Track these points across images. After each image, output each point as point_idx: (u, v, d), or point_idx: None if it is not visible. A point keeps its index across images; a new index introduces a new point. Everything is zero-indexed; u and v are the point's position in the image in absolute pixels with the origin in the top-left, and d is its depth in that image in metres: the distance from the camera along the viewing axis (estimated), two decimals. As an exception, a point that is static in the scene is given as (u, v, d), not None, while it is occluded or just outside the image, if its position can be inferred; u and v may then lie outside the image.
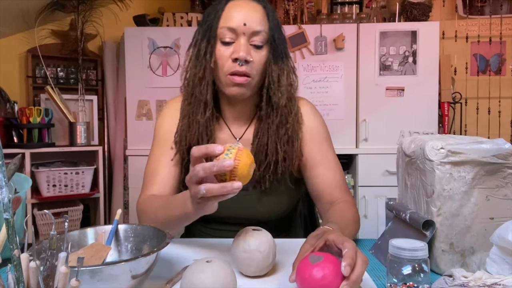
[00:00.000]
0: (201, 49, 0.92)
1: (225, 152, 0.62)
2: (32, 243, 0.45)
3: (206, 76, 0.91)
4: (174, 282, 0.68)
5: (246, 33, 0.88)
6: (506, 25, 2.76)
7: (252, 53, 0.89)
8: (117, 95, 2.72)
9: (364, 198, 2.29)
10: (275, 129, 0.94)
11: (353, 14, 2.53)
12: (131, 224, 0.76)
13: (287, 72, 0.95)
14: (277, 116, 0.93)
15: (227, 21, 0.89)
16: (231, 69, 0.88)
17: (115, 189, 2.68)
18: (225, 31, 0.89)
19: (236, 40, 0.89)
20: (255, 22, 0.88)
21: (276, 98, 0.92)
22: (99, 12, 2.56)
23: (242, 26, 0.87)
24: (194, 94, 0.93)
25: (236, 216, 0.96)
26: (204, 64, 0.91)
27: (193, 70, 0.94)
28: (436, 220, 0.71)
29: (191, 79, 0.94)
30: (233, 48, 0.88)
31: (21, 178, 0.90)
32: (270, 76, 0.92)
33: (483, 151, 0.69)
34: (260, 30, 0.88)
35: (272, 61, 0.92)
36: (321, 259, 0.58)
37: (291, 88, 0.96)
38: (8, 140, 2.29)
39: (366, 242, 0.91)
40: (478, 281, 0.57)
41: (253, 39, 0.89)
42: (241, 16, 0.88)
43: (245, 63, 0.87)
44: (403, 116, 2.31)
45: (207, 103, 0.93)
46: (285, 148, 0.94)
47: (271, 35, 0.91)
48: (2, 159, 0.37)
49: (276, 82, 0.92)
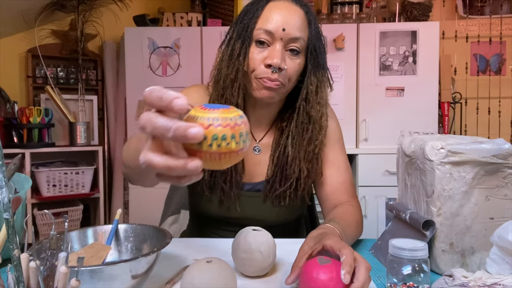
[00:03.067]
0: (235, 49, 0.87)
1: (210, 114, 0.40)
2: (32, 243, 0.45)
3: (238, 78, 0.86)
4: (174, 282, 0.68)
5: (284, 38, 0.83)
6: (506, 25, 2.76)
7: (287, 60, 0.84)
8: (117, 95, 2.73)
9: (364, 198, 2.29)
10: (304, 145, 0.90)
11: (353, 14, 2.53)
12: (131, 224, 0.76)
13: (326, 84, 0.91)
14: (307, 131, 0.90)
15: (265, 23, 0.84)
16: (262, 75, 0.84)
17: (115, 189, 2.68)
18: (261, 33, 0.84)
19: (272, 44, 0.84)
20: (295, 27, 0.83)
21: (314, 112, 0.89)
22: (99, 12, 2.56)
23: (281, 31, 0.83)
24: (225, 95, 0.88)
25: (248, 217, 0.94)
26: (237, 66, 0.86)
27: (224, 70, 0.88)
28: (436, 220, 0.71)
29: (222, 80, 0.89)
30: (267, 53, 0.84)
31: (21, 178, 0.90)
32: (309, 88, 0.88)
33: (483, 151, 0.69)
34: (299, 37, 0.84)
35: (312, 71, 0.88)
36: (330, 262, 0.59)
37: (326, 103, 0.92)
38: (8, 140, 2.29)
39: (366, 242, 0.91)
40: (478, 281, 0.57)
41: (290, 45, 0.84)
42: (281, 19, 0.83)
43: (278, 71, 0.83)
44: (403, 116, 2.31)
45: (238, 106, 0.87)
46: (309, 165, 0.91)
47: (312, 44, 0.87)
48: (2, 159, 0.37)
49: (314, 94, 0.88)
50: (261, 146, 0.97)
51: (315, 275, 0.58)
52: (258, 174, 0.96)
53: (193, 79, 2.33)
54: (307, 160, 0.91)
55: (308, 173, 0.92)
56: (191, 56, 2.36)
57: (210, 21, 2.48)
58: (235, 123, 0.40)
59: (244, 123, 0.42)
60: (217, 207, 0.94)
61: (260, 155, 0.97)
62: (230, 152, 0.40)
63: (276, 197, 0.92)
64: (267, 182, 0.94)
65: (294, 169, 0.91)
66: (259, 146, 0.97)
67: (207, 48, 2.34)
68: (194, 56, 2.36)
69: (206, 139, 0.39)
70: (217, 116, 0.39)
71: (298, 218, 1.06)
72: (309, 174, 0.92)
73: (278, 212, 0.94)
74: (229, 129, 0.39)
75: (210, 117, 0.39)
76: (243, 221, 0.94)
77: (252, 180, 0.96)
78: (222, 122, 0.39)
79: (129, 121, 2.39)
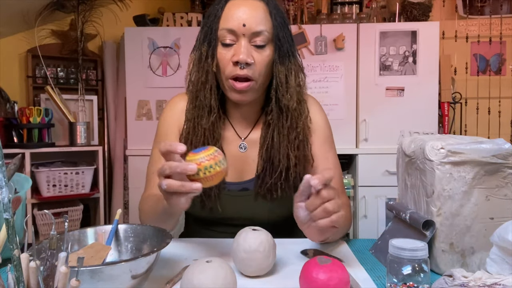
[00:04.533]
0: (203, 53, 0.90)
1: (201, 154, 0.66)
2: (32, 243, 0.45)
3: (209, 80, 0.89)
4: (174, 282, 0.68)
5: (246, 34, 0.85)
6: (506, 25, 2.75)
7: (254, 54, 0.86)
8: (117, 95, 2.73)
9: (364, 198, 2.28)
10: (286, 134, 0.91)
11: (353, 14, 2.53)
12: (131, 224, 0.76)
13: (295, 72, 0.91)
14: (287, 120, 0.91)
15: (226, 23, 0.86)
16: (232, 73, 0.86)
17: (115, 189, 2.68)
18: (225, 33, 0.86)
19: (237, 41, 0.86)
20: (256, 21, 0.85)
21: (285, 100, 0.89)
22: (99, 12, 2.56)
23: (242, 27, 0.84)
24: (199, 97, 0.91)
25: (241, 217, 0.95)
26: (206, 68, 0.89)
27: (196, 74, 0.92)
28: (436, 220, 0.71)
29: (195, 83, 0.92)
30: (233, 51, 0.86)
31: (21, 178, 0.90)
32: (277, 77, 0.89)
33: (483, 151, 0.69)
34: (262, 30, 0.85)
35: (278, 61, 0.88)
36: (329, 262, 0.59)
37: (300, 89, 0.93)
38: (8, 140, 2.29)
39: (366, 242, 0.91)
40: (478, 281, 0.57)
41: (254, 40, 0.86)
42: (241, 16, 0.85)
43: (246, 66, 0.85)
44: (403, 116, 2.31)
45: (212, 107, 0.90)
46: (296, 153, 0.92)
47: (275, 34, 0.87)
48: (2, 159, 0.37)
49: (284, 84, 0.89)
50: (247, 143, 0.97)
51: (315, 275, 0.58)
52: (247, 171, 0.97)
53: (193, 79, 2.33)
54: (293, 147, 0.91)
55: (298, 161, 0.92)
56: (191, 56, 2.35)
57: (210, 21, 2.48)
58: (214, 156, 0.66)
59: (219, 153, 0.67)
60: (200, 209, 0.94)
61: (246, 152, 0.97)
62: (216, 173, 0.66)
63: (267, 190, 0.92)
64: (257, 178, 0.94)
65: (281, 159, 0.91)
66: (244, 144, 0.97)
67: (207, 48, 2.34)
68: (194, 56, 2.35)
69: (201, 170, 0.64)
70: (202, 156, 0.65)
71: (292, 217, 1.05)
72: (298, 161, 0.93)
73: (270, 209, 0.94)
74: (212, 161, 0.65)
75: (198, 157, 0.65)
76: (234, 221, 0.95)
77: (242, 179, 0.97)
78: (206, 158, 0.65)
79: (129, 121, 2.39)
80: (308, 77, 2.29)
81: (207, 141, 0.91)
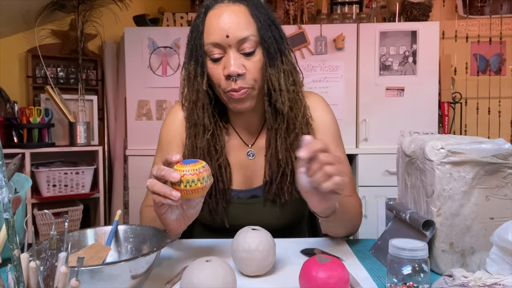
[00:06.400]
0: (191, 72, 0.87)
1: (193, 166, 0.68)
2: (32, 243, 0.45)
3: (200, 98, 0.88)
4: (174, 282, 0.68)
5: (232, 44, 0.81)
6: (506, 25, 2.75)
7: (244, 62, 0.83)
8: (117, 95, 2.73)
9: (364, 198, 2.28)
10: (284, 136, 0.89)
11: (353, 14, 2.53)
12: (131, 224, 0.76)
13: (287, 72, 0.88)
14: (283, 122, 0.89)
15: (209, 36, 0.83)
16: (227, 88, 0.83)
17: (115, 189, 2.68)
18: (211, 48, 0.83)
19: (225, 54, 0.83)
20: (239, 28, 0.81)
21: (279, 103, 0.87)
22: (99, 12, 2.56)
23: (226, 39, 0.81)
24: (193, 116, 0.91)
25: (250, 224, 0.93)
26: (197, 87, 0.87)
27: (186, 93, 0.91)
28: (436, 220, 0.71)
29: (187, 102, 0.91)
30: (223, 64, 0.83)
31: (21, 178, 0.90)
32: (269, 81, 0.86)
33: (483, 151, 0.69)
34: (247, 36, 0.81)
35: (268, 64, 0.85)
36: (329, 260, 0.59)
37: (295, 88, 0.90)
38: (8, 140, 2.29)
39: (366, 242, 0.91)
40: (478, 281, 0.57)
41: (242, 47, 0.82)
42: (223, 27, 0.81)
43: (238, 77, 0.82)
44: (403, 116, 2.31)
45: (205, 126, 0.89)
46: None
47: (261, 36, 0.83)
48: (2, 159, 0.37)
49: (276, 87, 0.86)
50: (255, 150, 0.96)
51: (314, 273, 0.58)
52: (256, 178, 0.96)
53: (193, 79, 2.33)
54: (293, 149, 0.89)
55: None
56: (191, 56, 2.35)
57: (210, 21, 2.48)
58: (200, 172, 0.68)
59: (206, 170, 0.69)
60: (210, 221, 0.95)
61: (255, 159, 0.96)
62: (197, 189, 0.68)
63: (275, 195, 0.92)
64: (265, 184, 0.93)
65: (284, 162, 0.90)
66: (252, 151, 0.97)
67: (207, 48, 2.34)
68: (194, 56, 2.35)
69: (183, 181, 0.67)
70: (188, 168, 0.68)
71: (300, 222, 1.05)
72: None
73: (279, 214, 0.94)
74: (195, 176, 0.67)
75: (184, 169, 0.67)
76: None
77: (251, 186, 0.96)
78: (191, 172, 0.67)
79: (129, 121, 2.39)
80: (308, 77, 2.32)
81: (210, 157, 0.90)
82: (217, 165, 0.91)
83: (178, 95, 1.02)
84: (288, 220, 0.97)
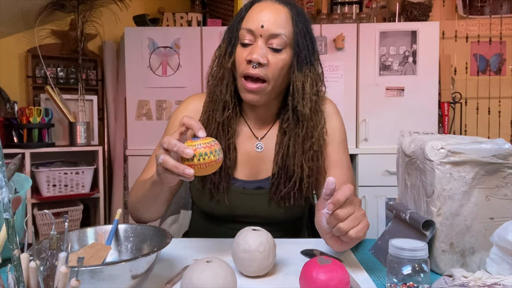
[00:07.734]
0: (222, 50, 0.94)
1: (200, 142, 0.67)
2: (32, 243, 0.45)
3: (225, 76, 0.92)
4: (174, 282, 0.68)
5: (264, 35, 0.86)
6: (506, 25, 2.76)
7: (269, 55, 0.87)
8: (117, 95, 2.73)
9: (364, 198, 2.28)
10: (300, 143, 0.92)
11: (353, 14, 2.53)
12: (131, 224, 0.76)
13: (313, 80, 0.91)
14: (302, 129, 0.91)
15: (247, 23, 0.88)
16: (244, 71, 0.88)
17: (115, 189, 2.68)
18: (244, 33, 0.89)
19: (254, 42, 0.88)
20: (275, 24, 0.86)
21: (300, 106, 0.90)
22: (99, 12, 2.56)
23: (260, 28, 0.86)
24: (216, 92, 0.94)
25: (256, 215, 0.96)
26: (224, 64, 0.92)
27: (215, 69, 0.95)
28: (436, 220, 0.71)
29: (213, 78, 0.95)
30: (249, 50, 0.88)
31: (21, 178, 0.90)
32: (294, 84, 0.90)
33: (483, 151, 0.69)
34: (279, 33, 0.86)
35: (296, 67, 0.89)
36: (330, 262, 0.59)
37: (317, 98, 0.93)
38: (8, 140, 2.29)
39: (366, 242, 0.91)
40: (478, 281, 0.57)
41: (271, 42, 0.87)
42: (261, 18, 0.87)
43: (258, 66, 0.86)
44: (403, 116, 2.31)
45: (226, 102, 0.93)
46: (310, 164, 0.92)
47: (294, 40, 0.88)
48: (2, 159, 0.37)
49: (300, 90, 0.89)
50: (264, 143, 0.98)
51: (315, 275, 0.58)
52: (262, 171, 0.98)
53: (193, 79, 2.33)
54: (307, 158, 0.92)
55: (311, 172, 0.92)
56: (191, 56, 2.35)
57: (210, 21, 2.48)
58: (211, 145, 0.67)
59: (216, 143, 0.68)
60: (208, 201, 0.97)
61: (263, 152, 0.98)
62: (211, 162, 0.67)
63: (281, 198, 0.94)
64: (272, 178, 0.95)
65: (295, 168, 0.91)
66: (261, 144, 0.99)
67: (207, 48, 2.34)
68: (194, 56, 2.36)
69: (196, 156, 0.66)
70: (199, 142, 0.67)
71: (301, 217, 1.07)
72: (312, 172, 0.93)
73: (285, 210, 0.96)
74: (207, 149, 0.66)
75: (195, 143, 0.67)
76: (249, 219, 0.96)
77: (257, 177, 0.98)
78: (203, 145, 0.66)
79: (129, 121, 2.39)
80: (308, 77, 2.31)
81: (220, 136, 0.93)
82: (226, 145, 0.94)
83: (178, 95, 1.03)
84: (295, 215, 0.99)
